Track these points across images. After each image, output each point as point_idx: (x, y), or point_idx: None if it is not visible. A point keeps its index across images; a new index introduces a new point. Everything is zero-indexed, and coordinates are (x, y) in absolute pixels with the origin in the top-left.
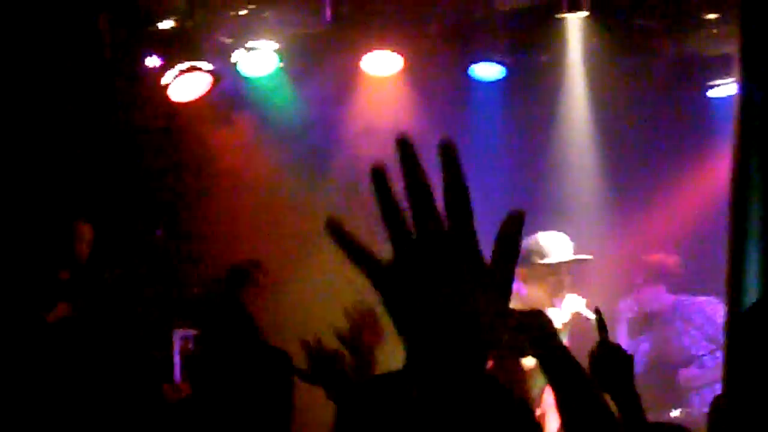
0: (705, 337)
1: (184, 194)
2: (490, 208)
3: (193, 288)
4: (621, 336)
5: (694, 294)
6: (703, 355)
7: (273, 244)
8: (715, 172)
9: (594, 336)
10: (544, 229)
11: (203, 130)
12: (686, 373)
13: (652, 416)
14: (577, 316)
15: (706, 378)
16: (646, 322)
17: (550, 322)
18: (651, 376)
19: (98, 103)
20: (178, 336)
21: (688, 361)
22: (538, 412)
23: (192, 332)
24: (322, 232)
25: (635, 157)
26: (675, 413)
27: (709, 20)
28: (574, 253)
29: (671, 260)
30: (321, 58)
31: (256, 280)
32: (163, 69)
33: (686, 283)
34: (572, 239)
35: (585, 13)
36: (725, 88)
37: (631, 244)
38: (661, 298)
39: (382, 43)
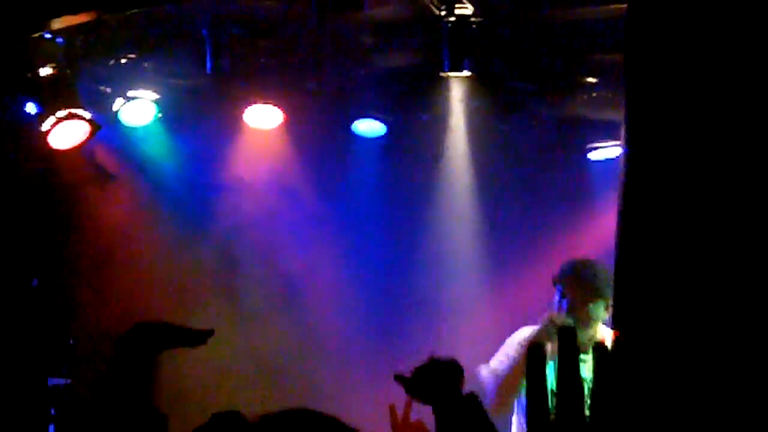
0: None
1: (62, 244)
2: (367, 262)
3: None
4: None
5: None
6: None
7: (152, 297)
8: (593, 233)
9: None
10: (423, 285)
11: (80, 179)
12: None
13: None
14: None
15: None
16: None
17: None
18: None
19: None
20: (51, 384)
21: None
22: None
23: (64, 381)
24: (201, 287)
25: (515, 216)
26: None
27: (589, 84)
28: None
29: None
30: (201, 109)
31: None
32: (43, 116)
33: None
34: (450, 296)
35: (467, 73)
36: (605, 151)
37: (509, 302)
38: None
39: (263, 96)
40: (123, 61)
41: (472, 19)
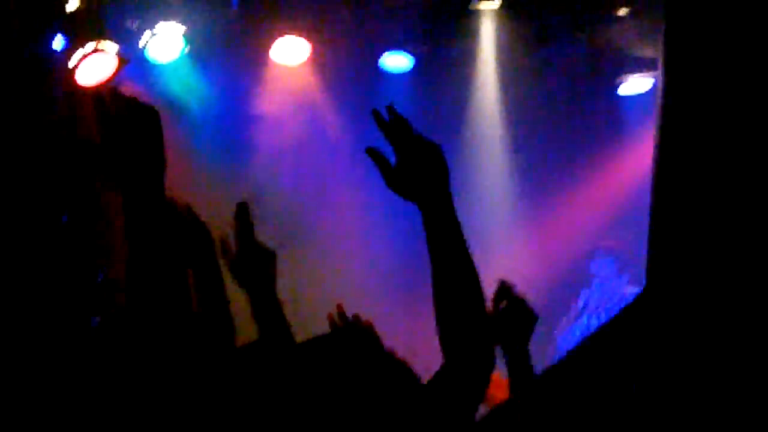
0: None
1: (91, 180)
2: (394, 195)
3: (101, 273)
4: None
5: None
6: None
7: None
8: (623, 165)
9: None
10: None
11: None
12: None
13: None
14: None
15: None
16: None
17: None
18: None
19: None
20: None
21: None
22: None
23: (96, 318)
24: (229, 219)
25: (546, 148)
26: None
27: (620, 17)
28: None
29: None
30: (229, 43)
31: None
32: (70, 51)
33: None
34: (480, 227)
35: (497, 4)
36: (636, 84)
37: (540, 232)
38: None
39: (291, 28)
40: None
41: None
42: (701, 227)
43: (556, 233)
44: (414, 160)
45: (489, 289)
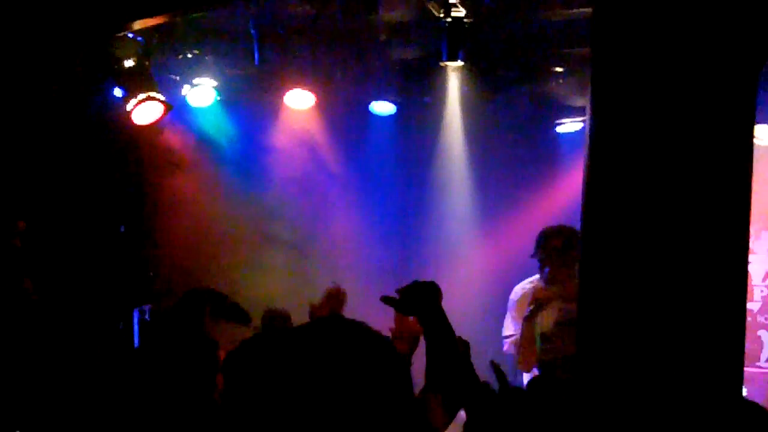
0: None
1: (143, 198)
2: (380, 214)
3: (151, 271)
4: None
5: None
6: None
7: (209, 241)
8: (560, 190)
9: None
10: (427, 233)
11: (157, 147)
12: None
13: None
14: None
15: None
16: None
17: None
18: None
19: (73, 123)
20: (137, 309)
21: None
22: None
23: (148, 306)
24: (247, 234)
25: (500, 177)
26: None
27: (558, 72)
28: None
29: None
30: (251, 93)
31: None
32: (126, 99)
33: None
34: (449, 242)
35: (461, 63)
36: (570, 126)
37: (495, 247)
38: None
39: (299, 83)
40: (189, 55)
41: (465, 19)
42: (624, 231)
43: (507, 241)
44: (416, 299)
45: (462, 282)
